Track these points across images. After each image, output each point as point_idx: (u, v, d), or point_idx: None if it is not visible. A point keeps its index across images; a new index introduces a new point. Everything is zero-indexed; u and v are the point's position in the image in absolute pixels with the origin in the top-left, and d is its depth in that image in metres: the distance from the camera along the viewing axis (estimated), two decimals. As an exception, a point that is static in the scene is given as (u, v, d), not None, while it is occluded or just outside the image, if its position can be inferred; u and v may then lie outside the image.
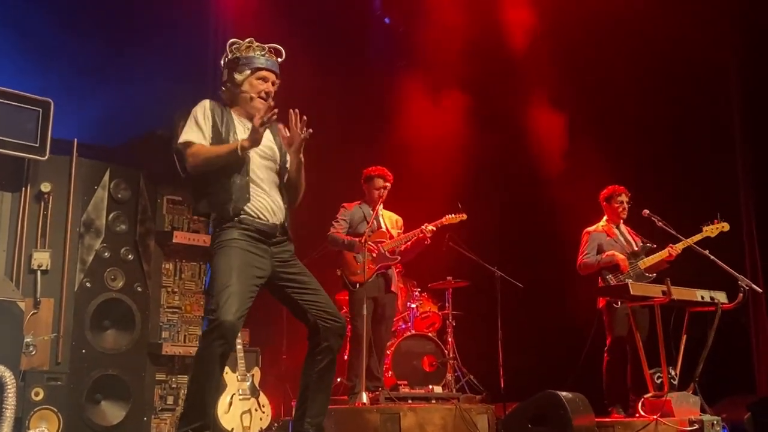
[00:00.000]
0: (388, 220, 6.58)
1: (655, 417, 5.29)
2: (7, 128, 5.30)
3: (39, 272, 5.46)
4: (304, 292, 3.96)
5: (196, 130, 3.96)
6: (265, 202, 3.94)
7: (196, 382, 3.76)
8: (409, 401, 6.24)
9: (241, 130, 3.98)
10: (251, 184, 3.92)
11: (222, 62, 4.10)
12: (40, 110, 5.50)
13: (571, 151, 8.20)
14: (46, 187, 5.57)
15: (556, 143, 8.35)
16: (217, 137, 3.93)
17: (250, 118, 4.00)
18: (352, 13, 8.88)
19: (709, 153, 7.55)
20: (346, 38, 8.68)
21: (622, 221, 6.56)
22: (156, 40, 6.84)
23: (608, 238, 6.43)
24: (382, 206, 6.52)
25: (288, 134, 4.03)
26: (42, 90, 5.58)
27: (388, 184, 6.46)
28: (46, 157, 5.49)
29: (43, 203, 5.58)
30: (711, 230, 6.15)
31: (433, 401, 6.43)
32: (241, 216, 3.86)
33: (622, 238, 6.46)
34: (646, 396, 5.53)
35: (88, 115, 6.16)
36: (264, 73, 4.02)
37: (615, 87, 7.92)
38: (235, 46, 4.06)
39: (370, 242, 6.19)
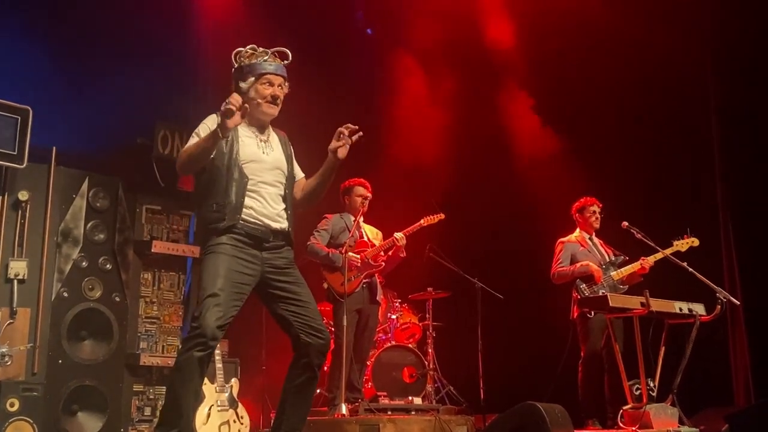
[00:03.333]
0: (369, 232, 6.58)
1: (633, 429, 5.31)
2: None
3: (15, 281, 5.41)
4: (291, 303, 3.95)
5: (194, 140, 3.96)
6: (262, 207, 3.94)
7: (173, 389, 3.74)
8: (389, 412, 6.22)
9: (250, 140, 4.01)
10: (248, 191, 3.92)
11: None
12: (19, 118, 5.47)
13: (550, 163, 8.23)
14: (23, 195, 5.53)
15: (535, 154, 8.38)
16: (220, 150, 3.93)
17: (261, 126, 4.08)
18: (334, 24, 8.88)
19: (687, 164, 7.61)
20: (327, 49, 8.68)
21: (594, 232, 6.62)
22: (137, 48, 6.80)
23: (582, 248, 6.49)
24: (362, 219, 6.51)
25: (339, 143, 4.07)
26: (21, 97, 5.54)
27: (368, 194, 6.46)
28: (24, 165, 5.45)
29: (20, 211, 5.53)
30: (681, 245, 6.22)
31: (413, 412, 6.41)
32: (238, 220, 3.86)
33: (595, 249, 6.52)
34: (624, 408, 5.55)
35: (67, 123, 6.11)
36: (269, 77, 4.02)
37: (594, 98, 7.98)
38: (239, 55, 4.07)
39: (351, 253, 6.18)
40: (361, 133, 4.04)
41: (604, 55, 7.89)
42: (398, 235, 6.36)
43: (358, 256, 6.27)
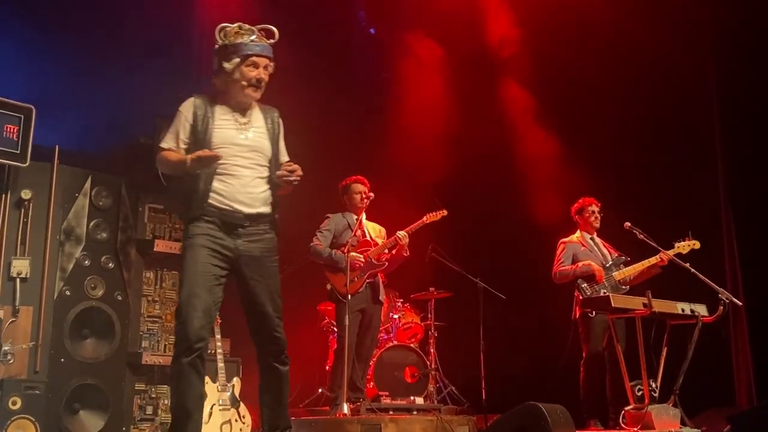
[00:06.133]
0: (372, 229, 6.56)
1: (635, 429, 5.31)
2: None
3: (18, 280, 5.41)
4: (252, 310, 3.94)
5: (172, 136, 3.95)
6: (235, 191, 3.85)
7: (175, 395, 3.75)
8: (391, 412, 6.23)
9: (227, 123, 3.92)
10: (218, 175, 3.84)
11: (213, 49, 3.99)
12: (22, 116, 5.46)
13: (552, 162, 8.23)
14: (26, 194, 5.52)
15: (537, 154, 8.38)
16: (195, 137, 3.89)
17: (244, 108, 3.97)
18: (337, 23, 8.89)
19: (689, 165, 7.60)
20: (330, 48, 8.68)
21: (596, 232, 6.62)
22: (139, 47, 6.81)
23: (583, 248, 6.49)
24: (365, 217, 6.50)
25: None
26: (23, 96, 5.54)
27: (367, 190, 6.42)
28: (27, 163, 5.44)
29: (23, 210, 5.53)
30: (682, 247, 6.22)
31: (415, 412, 6.42)
32: (206, 207, 3.80)
33: (596, 249, 6.51)
34: (626, 408, 5.54)
35: (69, 122, 6.11)
36: (254, 59, 3.89)
37: (595, 99, 7.97)
38: (223, 32, 3.93)
39: (354, 253, 6.17)
40: (296, 180, 3.92)
41: (605, 55, 7.88)
42: (401, 233, 6.32)
43: (361, 256, 6.25)
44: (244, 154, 3.90)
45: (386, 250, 6.38)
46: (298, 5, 8.18)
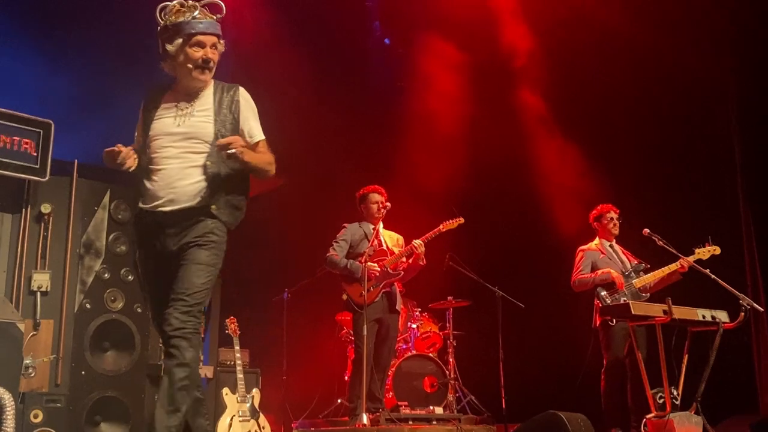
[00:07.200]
0: (389, 238, 6.55)
1: (657, 437, 5.26)
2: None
3: (39, 293, 5.46)
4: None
5: (137, 133, 3.73)
6: (159, 189, 3.50)
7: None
8: (410, 422, 6.21)
9: (168, 111, 3.58)
10: (153, 170, 3.52)
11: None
12: (41, 131, 5.53)
13: (569, 170, 8.20)
14: (46, 208, 5.58)
15: (553, 162, 8.36)
16: (143, 128, 3.64)
17: (191, 93, 3.62)
18: (352, 34, 8.93)
19: (708, 170, 7.55)
20: (346, 59, 8.72)
21: (614, 239, 6.58)
22: (157, 62, 6.86)
23: (602, 256, 6.45)
24: (382, 226, 6.50)
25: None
26: (42, 111, 5.60)
27: (383, 199, 6.42)
28: (46, 178, 5.50)
29: (43, 224, 5.59)
30: (703, 253, 6.15)
31: (434, 422, 6.39)
32: (138, 210, 3.56)
33: (615, 257, 6.48)
34: (648, 416, 5.50)
35: (88, 136, 6.17)
36: (199, 38, 3.51)
37: (612, 105, 7.94)
38: (164, 12, 3.54)
39: (371, 262, 6.16)
40: (235, 151, 3.41)
41: (623, 62, 7.86)
42: (417, 242, 6.30)
43: (377, 266, 6.24)
44: (175, 144, 3.52)
45: (403, 259, 6.36)
46: (313, 17, 8.23)
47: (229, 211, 3.56)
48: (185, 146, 3.52)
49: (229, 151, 3.40)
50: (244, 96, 3.69)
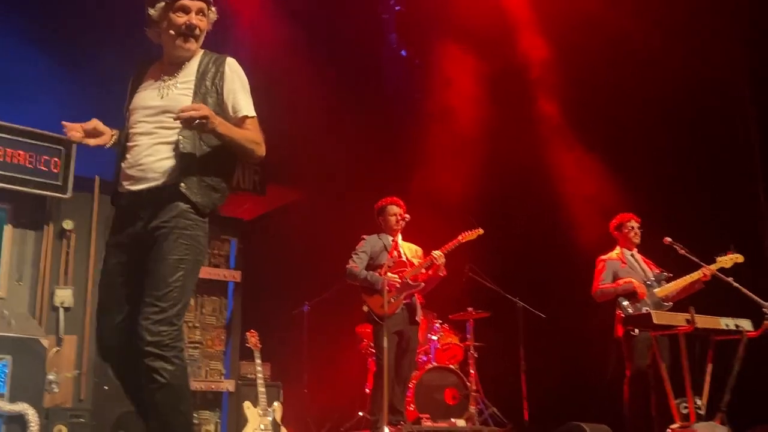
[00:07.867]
0: (408, 250, 6.54)
1: (682, 448, 5.21)
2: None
3: (62, 309, 5.50)
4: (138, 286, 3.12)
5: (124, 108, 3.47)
6: (129, 166, 3.22)
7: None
8: (432, 435, 6.18)
9: (151, 84, 3.32)
10: (128, 146, 3.25)
11: None
12: (63, 149, 5.58)
13: (588, 179, 8.18)
14: (68, 224, 5.63)
15: (573, 170, 8.33)
16: (127, 103, 3.38)
17: (176, 64, 3.32)
18: (369, 46, 8.97)
19: (729, 176, 7.50)
20: (363, 71, 8.76)
21: (636, 248, 6.53)
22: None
23: (623, 266, 6.40)
24: (401, 237, 6.50)
25: None
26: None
27: (402, 211, 6.41)
28: (69, 194, 5.55)
29: (65, 240, 5.63)
30: (725, 261, 6.07)
31: (457, 434, 6.36)
32: (113, 191, 3.29)
33: (637, 266, 6.43)
34: (672, 427, 5.45)
35: (109, 152, 6.22)
36: (183, 2, 3.20)
37: (629, 113, 7.91)
38: None
39: (390, 274, 6.16)
40: (194, 120, 3.04)
41: (639, 69, 7.84)
42: (436, 253, 6.29)
43: (397, 277, 6.23)
44: (149, 118, 3.23)
45: (423, 270, 6.35)
46: (330, 31, 8.28)
47: (203, 192, 3.17)
48: (158, 121, 3.21)
49: (182, 118, 3.03)
50: (231, 66, 3.34)
